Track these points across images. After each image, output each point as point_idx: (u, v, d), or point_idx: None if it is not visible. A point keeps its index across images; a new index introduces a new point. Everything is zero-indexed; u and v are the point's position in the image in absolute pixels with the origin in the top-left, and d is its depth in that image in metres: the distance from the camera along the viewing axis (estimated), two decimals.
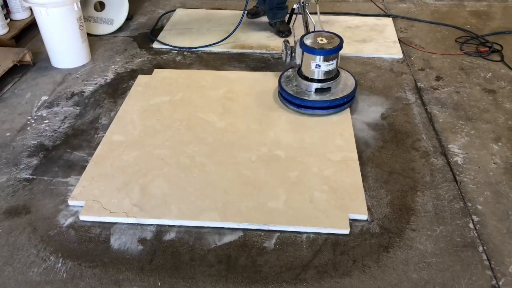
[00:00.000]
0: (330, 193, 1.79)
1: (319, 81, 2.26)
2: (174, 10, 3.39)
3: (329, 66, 2.23)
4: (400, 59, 2.76)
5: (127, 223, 1.71)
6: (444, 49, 2.87)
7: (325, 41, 2.23)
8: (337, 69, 2.32)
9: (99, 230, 1.69)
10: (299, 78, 2.30)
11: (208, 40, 2.93)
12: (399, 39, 2.97)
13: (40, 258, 1.59)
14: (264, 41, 2.95)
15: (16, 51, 2.63)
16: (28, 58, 2.67)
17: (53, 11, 2.49)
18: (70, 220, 1.73)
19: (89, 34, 3.05)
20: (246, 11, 2.90)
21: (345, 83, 2.32)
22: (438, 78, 2.57)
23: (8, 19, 2.92)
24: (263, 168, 1.92)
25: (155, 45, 2.93)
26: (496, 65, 2.68)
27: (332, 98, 2.22)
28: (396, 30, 3.09)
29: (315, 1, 2.55)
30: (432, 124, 2.20)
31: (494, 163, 1.96)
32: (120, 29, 3.13)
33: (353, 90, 2.27)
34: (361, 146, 2.07)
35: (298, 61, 2.33)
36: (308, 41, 2.23)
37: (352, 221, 1.70)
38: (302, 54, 2.26)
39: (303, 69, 2.30)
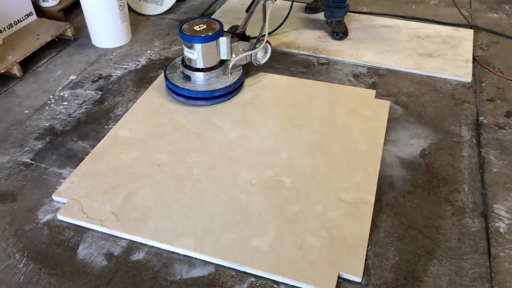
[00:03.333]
0: (326, 241, 1.53)
1: (184, 65, 2.19)
2: None
3: (191, 54, 2.12)
4: (467, 84, 2.33)
5: (101, 232, 1.60)
6: None
7: (202, 28, 2.11)
8: (220, 63, 2.18)
9: (72, 234, 1.60)
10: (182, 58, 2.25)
11: (252, 33, 2.70)
12: (474, 58, 2.51)
13: (6, 254, 1.54)
14: (314, 41, 2.66)
15: (58, 25, 2.62)
16: (69, 33, 2.65)
17: None
18: (48, 217, 1.66)
19: (137, 13, 2.98)
20: (296, 5, 2.64)
21: (217, 82, 2.16)
22: (509, 115, 2.12)
23: None
24: (261, 196, 1.70)
25: None
26: None
27: (182, 86, 2.13)
28: (475, 46, 2.62)
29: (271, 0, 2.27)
30: (482, 174, 1.82)
31: None
32: (169, 11, 3.01)
33: (209, 91, 2.12)
34: (384, 187, 1.76)
35: None
36: (188, 24, 2.15)
37: (342, 281, 1.44)
38: None
39: None
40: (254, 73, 2.36)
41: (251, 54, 2.24)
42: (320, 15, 2.88)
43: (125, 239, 1.58)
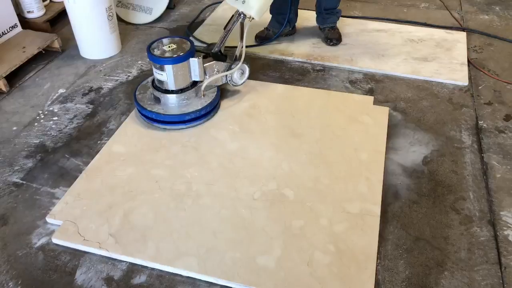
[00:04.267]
0: (335, 256, 1.49)
1: (154, 86, 2.07)
2: (221, 2, 3.14)
3: (159, 75, 2.01)
4: (464, 87, 2.31)
5: (99, 255, 1.53)
6: None
7: (172, 48, 1.99)
8: (192, 85, 2.05)
9: (69, 258, 1.53)
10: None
11: (246, 41, 2.65)
12: (469, 61, 2.50)
13: None
14: (308, 48, 2.62)
15: (45, 37, 2.54)
16: (56, 44, 2.57)
17: None
18: (43, 240, 1.59)
19: (126, 23, 2.91)
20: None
21: (188, 105, 2.03)
22: (508, 118, 2.11)
23: (48, 0, 2.83)
24: (264, 210, 1.65)
25: None
26: None
27: (150, 108, 2.01)
28: (468, 49, 2.62)
29: (248, 18, 2.08)
30: (486, 180, 1.79)
31: None
32: (159, 19, 2.94)
33: (178, 115, 2.00)
34: (389, 197, 1.72)
35: None
36: (157, 43, 2.03)
37: None
38: None
39: None
40: (248, 81, 2.31)
41: (226, 75, 2.11)
42: (313, 22, 2.85)
43: (125, 261, 1.51)
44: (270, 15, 2.65)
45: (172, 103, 2.03)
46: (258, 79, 2.37)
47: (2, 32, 2.48)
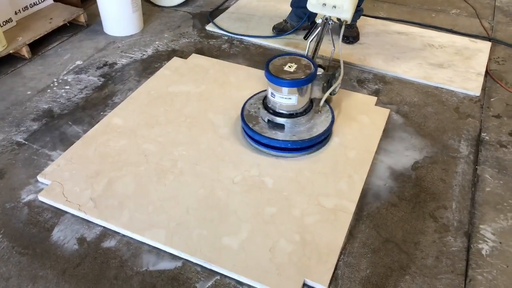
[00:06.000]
0: (298, 246, 1.50)
1: (273, 112, 1.86)
2: None
3: (285, 99, 1.80)
4: (475, 98, 2.24)
5: (77, 216, 1.62)
6: None
7: (293, 68, 1.78)
8: (310, 105, 1.88)
9: (50, 216, 1.62)
10: (262, 100, 1.93)
11: (264, 31, 2.69)
12: (487, 72, 2.41)
13: None
14: (323, 44, 2.59)
15: (72, 11, 2.67)
16: (82, 19, 2.70)
17: None
18: (30, 197, 1.69)
19: (152, 4, 3.01)
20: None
21: (312, 127, 1.86)
22: None
23: None
24: (240, 194, 1.68)
25: (209, 27, 2.77)
26: None
27: (274, 137, 1.81)
28: (490, 59, 2.52)
29: (342, 22, 2.02)
30: (473, 192, 1.74)
31: None
32: (185, 3, 3.02)
33: (309, 139, 1.81)
34: (370, 197, 1.71)
35: None
36: (276, 62, 1.82)
37: None
38: None
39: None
40: (255, 71, 2.33)
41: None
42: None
43: (100, 225, 1.59)
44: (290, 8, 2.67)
45: (301, 126, 1.85)
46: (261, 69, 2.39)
47: (34, 3, 2.63)
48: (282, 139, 1.81)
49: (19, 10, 2.56)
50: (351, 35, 2.61)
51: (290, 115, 1.84)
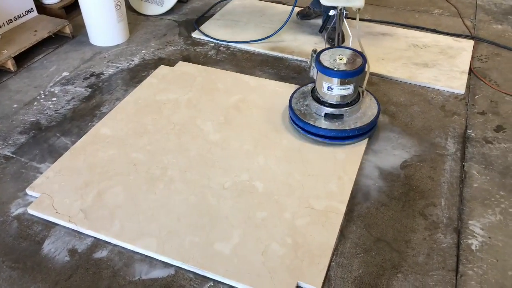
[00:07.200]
0: (290, 249, 1.51)
1: (330, 105, 1.95)
2: None
3: (344, 90, 1.90)
4: (460, 95, 2.27)
5: (68, 228, 1.61)
6: None
7: (344, 60, 1.89)
8: (358, 93, 1.98)
9: (40, 229, 1.61)
10: (311, 98, 2.01)
11: (250, 37, 2.70)
12: (471, 70, 2.45)
13: None
14: (309, 47, 2.62)
15: (57, 22, 2.66)
16: (67, 30, 2.69)
17: None
18: (20, 210, 1.68)
19: (137, 13, 3.01)
20: (294, 10, 2.61)
21: (365, 112, 1.97)
22: (498, 129, 2.06)
23: None
24: (231, 199, 1.69)
25: (195, 34, 2.78)
26: None
27: (340, 127, 1.90)
28: (473, 58, 2.56)
29: (355, 10, 2.16)
30: (461, 188, 1.76)
31: None
32: (170, 12, 3.03)
33: (370, 122, 1.92)
34: (359, 197, 1.72)
35: (314, 76, 2.03)
36: (324, 58, 1.92)
37: None
38: (317, 71, 1.95)
39: (316, 88, 1.99)
40: (241, 76, 2.34)
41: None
42: (317, 21, 2.87)
43: (91, 236, 1.58)
44: None
45: (355, 112, 1.96)
46: (254, 75, 2.40)
47: (18, 16, 2.63)
48: (348, 127, 1.90)
49: (3, 23, 2.55)
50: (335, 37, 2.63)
51: (347, 104, 1.94)
